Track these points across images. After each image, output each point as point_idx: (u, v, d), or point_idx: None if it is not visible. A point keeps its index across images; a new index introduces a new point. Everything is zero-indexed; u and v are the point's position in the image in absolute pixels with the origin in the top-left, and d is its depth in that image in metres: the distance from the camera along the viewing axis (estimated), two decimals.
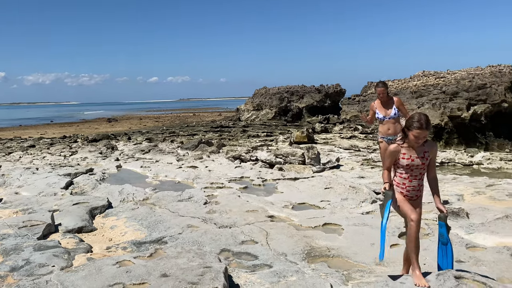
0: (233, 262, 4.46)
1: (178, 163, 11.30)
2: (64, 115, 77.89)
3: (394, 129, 6.27)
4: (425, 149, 3.69)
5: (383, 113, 6.31)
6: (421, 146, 3.68)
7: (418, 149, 3.68)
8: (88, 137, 20.15)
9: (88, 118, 60.00)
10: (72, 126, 40.19)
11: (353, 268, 4.24)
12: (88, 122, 47.90)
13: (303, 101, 38.01)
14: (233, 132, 24.05)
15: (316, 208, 6.73)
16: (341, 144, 16.60)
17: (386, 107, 6.31)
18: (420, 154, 3.67)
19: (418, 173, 3.70)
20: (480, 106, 18.02)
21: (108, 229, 5.91)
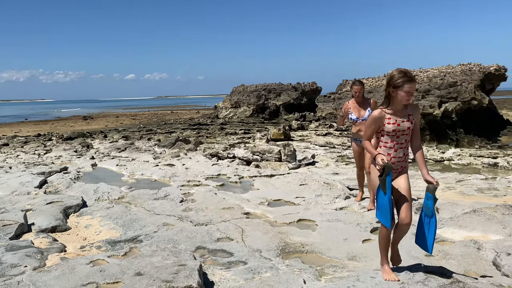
0: (209, 260, 4.45)
1: (154, 161, 11.21)
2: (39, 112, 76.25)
3: None
4: (408, 112, 3.50)
5: (356, 114, 6.18)
6: (404, 109, 3.49)
7: (402, 113, 3.49)
8: (63, 135, 19.78)
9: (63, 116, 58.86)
10: (47, 124, 39.39)
11: (326, 263, 4.28)
12: (63, 120, 47.00)
13: (280, 99, 38.18)
14: (211, 130, 23.99)
15: (291, 204, 6.77)
16: (316, 141, 16.74)
17: (360, 108, 6.17)
18: (404, 118, 3.48)
19: (404, 140, 3.51)
20: (451, 103, 18.43)
21: (83, 228, 5.83)
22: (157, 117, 45.41)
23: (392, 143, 3.52)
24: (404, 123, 3.46)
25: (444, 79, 21.27)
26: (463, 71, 23.06)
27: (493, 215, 5.38)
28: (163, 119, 41.39)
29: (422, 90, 19.55)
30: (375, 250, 4.49)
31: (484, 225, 5.18)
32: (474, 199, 6.79)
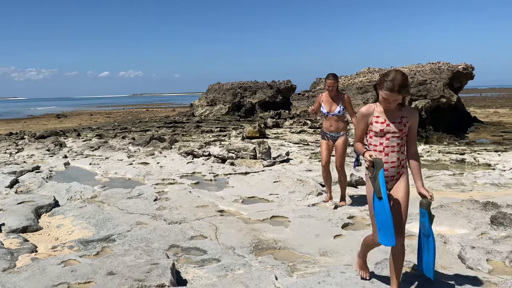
0: (182, 258, 4.43)
1: (128, 160, 11.06)
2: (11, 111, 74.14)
3: (336, 126, 6.03)
4: (402, 114, 3.11)
5: (328, 108, 5.99)
6: (398, 110, 3.11)
7: (393, 113, 3.10)
8: (36, 133, 19.30)
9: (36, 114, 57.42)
10: (19, 123, 38.37)
11: (298, 259, 4.32)
12: (36, 118, 45.86)
13: (256, 97, 38.22)
14: (187, 128, 23.82)
15: (265, 201, 6.79)
16: (291, 138, 16.83)
17: (332, 103, 5.98)
18: (396, 119, 3.09)
19: (396, 143, 3.09)
20: (421, 101, 18.81)
21: (54, 228, 5.71)
22: (132, 115, 44.81)
23: (381, 146, 3.11)
24: (395, 125, 3.09)
25: (414, 78, 21.69)
26: (432, 70, 23.56)
27: (459, 210, 5.52)
28: (138, 117, 40.87)
29: None
30: (346, 246, 4.58)
31: (450, 220, 5.32)
32: (442, 194, 6.96)
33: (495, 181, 7.76)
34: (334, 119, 5.99)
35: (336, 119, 5.99)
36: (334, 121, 6.00)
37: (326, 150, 6.18)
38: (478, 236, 4.76)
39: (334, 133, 6.06)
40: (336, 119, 5.99)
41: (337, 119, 5.99)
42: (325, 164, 6.20)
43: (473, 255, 4.13)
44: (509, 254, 4.12)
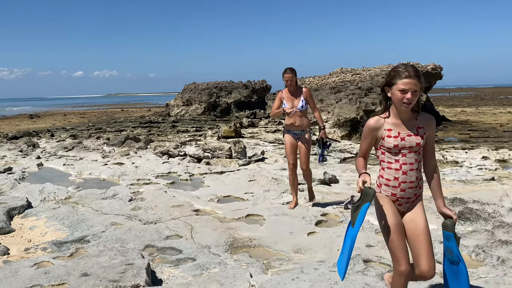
0: (157, 258, 4.40)
1: (103, 160, 10.88)
2: None
3: (300, 122, 5.71)
4: (418, 124, 2.65)
5: (290, 104, 5.67)
6: (413, 119, 2.65)
7: (408, 124, 2.64)
8: (8, 134, 18.77)
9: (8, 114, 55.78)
10: None
11: (273, 256, 4.35)
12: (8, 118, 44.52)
13: (232, 97, 38.11)
14: (163, 128, 23.58)
15: (240, 200, 6.80)
16: (266, 137, 16.88)
17: (294, 98, 5.68)
18: (412, 130, 2.62)
19: (413, 160, 2.63)
20: None
21: (27, 230, 5.57)
22: (107, 115, 44.03)
23: (397, 164, 2.63)
24: (410, 138, 2.60)
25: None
26: None
27: (429, 206, 5.64)
28: (113, 117, 40.20)
29: (365, 88, 20.17)
30: (319, 242, 4.63)
31: None
32: None
33: (462, 178, 7.97)
34: (298, 114, 5.66)
35: (300, 114, 5.67)
36: (298, 117, 5.68)
37: (292, 150, 5.85)
38: None
39: (298, 130, 5.76)
40: (299, 115, 5.68)
41: (300, 115, 5.68)
42: (293, 166, 5.91)
43: (441, 250, 4.22)
44: (475, 248, 4.25)
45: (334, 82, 24.60)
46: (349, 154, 12.05)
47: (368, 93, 19.63)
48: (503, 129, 20.00)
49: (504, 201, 6.09)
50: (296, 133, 5.79)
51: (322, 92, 21.76)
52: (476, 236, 4.58)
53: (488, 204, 5.63)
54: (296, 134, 5.79)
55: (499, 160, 10.38)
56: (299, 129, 5.75)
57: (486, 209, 5.39)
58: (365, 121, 17.41)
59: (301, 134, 5.78)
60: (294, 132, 5.78)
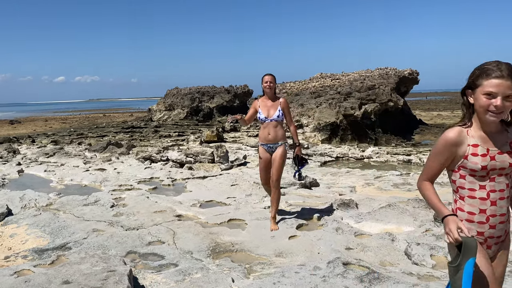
0: (139, 264, 4.35)
1: (85, 166, 10.72)
2: None
3: (275, 134, 5.17)
4: (510, 138, 2.02)
5: (265, 113, 5.17)
6: (502, 131, 2.01)
7: (498, 138, 1.99)
8: None
9: None
10: None
11: (254, 261, 4.34)
12: None
13: (214, 101, 38.08)
14: (145, 133, 23.40)
15: (222, 205, 6.79)
16: (248, 142, 16.89)
17: (270, 107, 5.18)
18: (504, 148, 1.98)
19: (504, 185, 2.00)
20: (370, 105, 19.39)
21: (7, 237, 5.44)
22: (89, 121, 43.44)
23: (483, 192, 1.99)
24: (502, 157, 1.97)
25: (363, 83, 22.35)
26: (380, 75, 24.38)
27: (406, 208, 5.74)
28: (95, 122, 39.68)
29: (344, 93, 20.39)
30: (300, 246, 4.65)
31: (398, 218, 5.52)
32: (390, 193, 7.20)
33: (438, 181, 8.10)
34: (273, 125, 5.15)
35: (275, 125, 5.15)
36: (273, 128, 5.15)
37: (265, 166, 5.30)
38: (422, 233, 4.96)
39: (272, 143, 5.18)
40: (274, 125, 5.15)
41: (276, 125, 5.16)
42: (265, 183, 5.43)
43: (418, 251, 4.30)
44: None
45: (314, 87, 24.80)
46: (329, 158, 12.16)
47: (347, 97, 19.85)
48: None
49: None
50: (270, 146, 5.21)
51: (302, 97, 21.91)
52: None
53: None
54: (271, 147, 5.21)
55: None
56: (273, 141, 5.19)
57: None
58: (344, 125, 17.60)
59: (275, 147, 5.21)
60: (268, 145, 5.22)
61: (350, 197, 6.55)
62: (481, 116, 1.95)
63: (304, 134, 16.94)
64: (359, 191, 7.53)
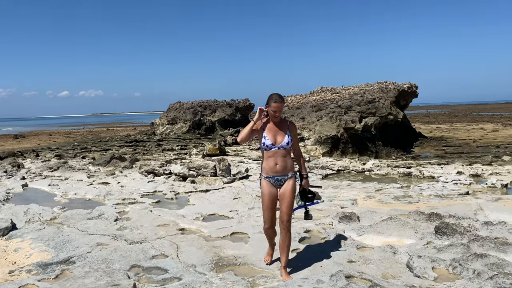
0: (143, 278, 4.33)
1: (89, 180, 10.73)
2: None
3: (283, 165, 4.16)
4: None
5: (272, 138, 4.14)
6: None
7: None
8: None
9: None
10: None
11: (257, 274, 4.33)
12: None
13: (216, 115, 38.18)
14: (148, 146, 23.42)
15: (225, 218, 6.77)
16: (250, 155, 16.89)
17: (278, 131, 4.18)
18: None
19: None
20: (370, 118, 19.41)
21: (12, 252, 5.43)
22: (92, 135, 43.52)
23: None
24: None
25: (363, 96, 22.41)
26: (380, 89, 24.46)
27: (407, 221, 5.72)
28: (99, 136, 39.76)
29: (345, 107, 20.44)
30: (303, 259, 4.62)
31: (399, 231, 5.50)
32: (391, 206, 7.18)
33: (438, 193, 8.09)
34: (281, 153, 4.15)
35: (284, 153, 4.16)
36: (281, 157, 4.16)
37: (271, 204, 4.23)
38: (424, 245, 4.94)
39: (281, 175, 4.17)
40: (283, 154, 4.16)
41: (284, 154, 4.17)
42: (271, 226, 4.35)
43: (420, 263, 4.28)
44: (452, 261, 4.30)
45: (315, 100, 24.88)
46: (330, 171, 12.13)
47: (348, 111, 19.89)
48: (476, 145, 20.42)
49: (478, 215, 6.20)
50: (278, 178, 4.18)
51: (303, 110, 21.96)
52: (452, 250, 4.64)
53: (463, 218, 5.73)
54: (278, 180, 4.19)
55: (473, 175, 10.57)
56: (282, 173, 4.17)
57: (461, 223, 5.47)
58: (345, 138, 17.61)
59: (284, 179, 4.20)
60: (275, 177, 4.18)
61: (352, 210, 6.53)
62: None
63: (306, 147, 16.94)
64: (360, 204, 7.51)
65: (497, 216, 6.13)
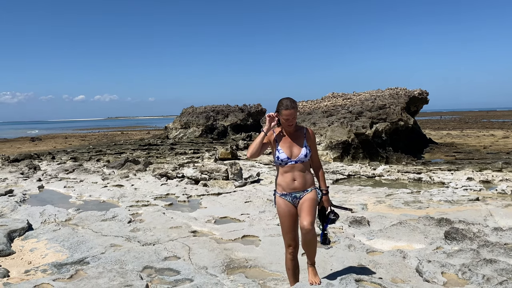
0: (155, 279, 4.36)
1: (103, 182, 10.83)
2: None
3: (303, 180, 3.55)
4: None
5: (287, 151, 3.53)
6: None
7: None
8: (9, 157, 18.65)
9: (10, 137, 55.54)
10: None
11: (268, 277, 4.32)
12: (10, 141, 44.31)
13: (228, 120, 38.33)
14: (161, 150, 23.59)
15: (236, 221, 6.78)
16: (261, 159, 16.90)
17: (293, 143, 3.56)
18: None
19: None
20: (381, 124, 19.31)
21: (28, 252, 5.50)
22: (107, 138, 43.96)
23: None
24: None
25: (374, 102, 22.32)
26: (391, 95, 24.33)
27: (417, 226, 5.67)
28: (113, 139, 40.15)
29: (356, 112, 20.38)
30: None
31: (409, 236, 5.45)
32: (401, 211, 7.12)
33: (448, 198, 8.01)
34: (299, 168, 3.54)
35: (302, 168, 3.55)
36: (299, 172, 3.54)
37: (291, 225, 3.61)
38: (433, 250, 4.89)
39: (299, 191, 3.55)
40: (301, 168, 3.55)
41: (302, 168, 3.56)
42: (294, 249, 3.68)
43: (429, 268, 4.24)
44: (461, 267, 4.25)
45: (326, 106, 24.83)
46: (341, 176, 12.09)
47: (359, 117, 19.81)
48: (486, 151, 20.18)
49: (488, 221, 6.12)
50: (296, 196, 3.57)
51: (314, 116, 21.94)
52: (462, 255, 4.58)
53: (473, 224, 5.66)
54: (297, 197, 3.57)
55: (483, 181, 10.45)
56: (301, 189, 3.56)
57: (471, 229, 5.41)
58: (356, 143, 17.54)
59: (303, 195, 3.57)
60: (293, 194, 3.56)
61: (362, 215, 6.49)
62: None
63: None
64: (370, 209, 7.46)
65: (507, 222, 6.05)
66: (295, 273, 3.76)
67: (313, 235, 3.46)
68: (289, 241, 3.63)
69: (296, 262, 3.74)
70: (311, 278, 3.70)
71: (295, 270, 3.76)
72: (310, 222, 3.42)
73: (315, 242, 3.56)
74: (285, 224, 3.59)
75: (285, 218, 3.58)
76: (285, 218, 3.58)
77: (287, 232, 3.60)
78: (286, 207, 3.57)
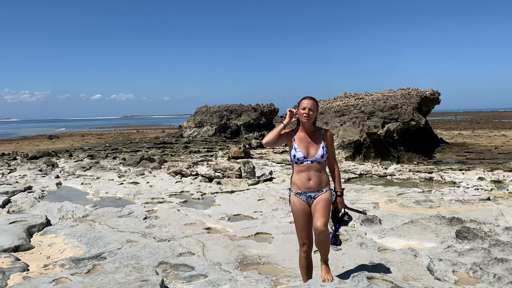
0: (171, 274, 4.40)
1: (119, 180, 10.95)
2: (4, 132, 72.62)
3: (318, 179, 3.56)
4: None
5: (304, 150, 3.55)
6: None
7: None
8: (28, 154, 18.96)
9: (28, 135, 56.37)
10: (11, 143, 37.55)
11: (281, 273, 4.33)
12: (28, 139, 44.97)
13: (241, 119, 38.38)
14: (176, 148, 23.72)
15: (249, 218, 6.80)
16: (274, 158, 16.92)
17: (310, 142, 3.58)
18: None
19: None
20: (393, 124, 19.15)
21: (46, 246, 5.59)
22: (123, 136, 44.34)
23: None
24: None
25: (386, 102, 22.14)
26: (403, 95, 24.10)
27: (428, 225, 5.62)
28: (129, 138, 40.48)
29: (368, 112, 20.24)
30: None
31: (420, 234, 5.41)
32: (412, 210, 7.07)
33: (459, 198, 7.92)
34: (315, 168, 3.56)
35: (318, 168, 3.57)
36: (315, 172, 3.56)
37: (305, 224, 3.61)
38: (444, 249, 4.85)
39: (314, 191, 3.56)
40: (317, 168, 3.57)
41: (319, 168, 3.57)
42: (308, 247, 3.68)
43: (441, 267, 4.21)
44: (472, 265, 4.21)
45: (339, 106, 24.71)
46: (353, 175, 12.03)
47: (371, 116, 19.68)
48: (498, 151, 19.89)
49: (499, 220, 6.04)
50: (311, 195, 3.58)
51: (327, 115, 21.85)
52: (473, 254, 4.54)
53: (484, 223, 5.59)
54: (311, 197, 3.58)
55: (494, 181, 10.30)
56: (316, 189, 3.57)
57: (482, 228, 5.35)
58: (368, 143, 17.42)
59: (317, 196, 3.58)
60: (308, 194, 3.58)
61: (374, 213, 6.46)
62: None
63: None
64: (382, 208, 7.42)
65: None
66: (309, 271, 3.80)
67: (326, 236, 3.49)
68: (303, 240, 3.65)
69: (310, 260, 3.77)
70: (323, 275, 3.73)
71: (309, 268, 3.79)
72: (323, 223, 3.43)
73: (328, 242, 3.59)
74: (299, 223, 3.62)
75: (299, 216, 3.60)
76: (299, 217, 3.60)
77: (301, 230, 3.62)
78: (301, 205, 3.58)
